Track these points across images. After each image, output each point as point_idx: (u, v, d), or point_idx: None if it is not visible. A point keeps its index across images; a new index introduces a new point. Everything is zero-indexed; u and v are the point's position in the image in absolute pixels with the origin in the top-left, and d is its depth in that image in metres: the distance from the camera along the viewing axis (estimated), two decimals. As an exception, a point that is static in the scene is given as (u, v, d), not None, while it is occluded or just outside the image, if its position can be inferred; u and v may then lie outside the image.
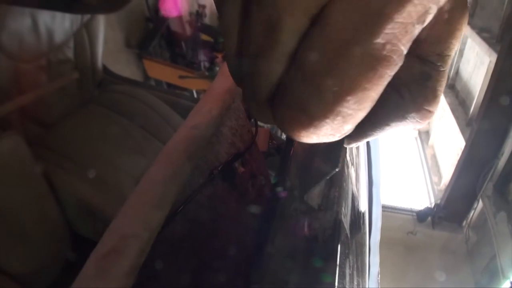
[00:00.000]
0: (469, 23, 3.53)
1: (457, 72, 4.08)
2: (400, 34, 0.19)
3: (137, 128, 1.47)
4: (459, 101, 3.85)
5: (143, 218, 0.23)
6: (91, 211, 1.22)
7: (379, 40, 0.19)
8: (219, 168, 0.31)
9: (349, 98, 0.20)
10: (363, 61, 0.19)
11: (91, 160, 1.29)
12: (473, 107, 3.47)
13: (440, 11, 0.21)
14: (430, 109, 0.23)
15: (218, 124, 0.33)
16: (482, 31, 3.24)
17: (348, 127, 0.22)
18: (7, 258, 1.09)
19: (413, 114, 0.24)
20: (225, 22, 0.22)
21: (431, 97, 0.23)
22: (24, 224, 1.10)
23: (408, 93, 0.23)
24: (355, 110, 0.21)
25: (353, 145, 0.28)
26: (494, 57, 2.88)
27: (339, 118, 0.21)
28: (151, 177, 0.27)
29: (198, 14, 2.77)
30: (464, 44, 3.91)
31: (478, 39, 3.23)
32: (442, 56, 0.22)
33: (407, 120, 0.24)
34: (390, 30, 0.19)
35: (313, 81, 0.20)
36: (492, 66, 2.89)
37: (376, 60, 0.19)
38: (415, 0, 0.19)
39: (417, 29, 0.20)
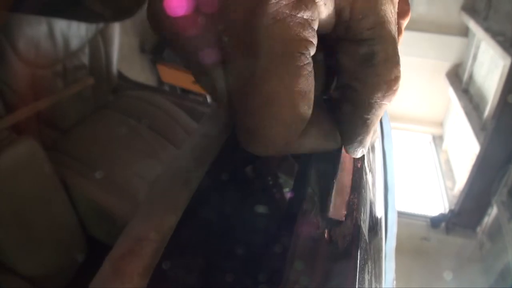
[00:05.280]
0: (482, 27, 3.49)
1: (470, 76, 4.04)
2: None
3: (151, 133, 1.48)
4: (473, 105, 3.81)
5: (157, 222, 0.25)
6: (105, 214, 1.23)
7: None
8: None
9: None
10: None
11: (106, 165, 1.31)
12: (487, 111, 3.43)
13: None
14: (391, 77, 0.22)
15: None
16: (496, 35, 3.21)
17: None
18: (23, 260, 1.11)
19: (378, 95, 0.22)
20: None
21: (384, 70, 0.22)
22: (39, 227, 1.12)
23: (358, 83, 0.23)
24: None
25: (358, 150, 0.26)
26: (508, 60, 2.84)
27: None
28: (164, 182, 0.28)
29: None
30: (477, 47, 3.87)
31: (492, 42, 3.20)
32: (375, 29, 0.21)
33: (377, 102, 0.23)
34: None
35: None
36: (507, 69, 2.86)
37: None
38: None
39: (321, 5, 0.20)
